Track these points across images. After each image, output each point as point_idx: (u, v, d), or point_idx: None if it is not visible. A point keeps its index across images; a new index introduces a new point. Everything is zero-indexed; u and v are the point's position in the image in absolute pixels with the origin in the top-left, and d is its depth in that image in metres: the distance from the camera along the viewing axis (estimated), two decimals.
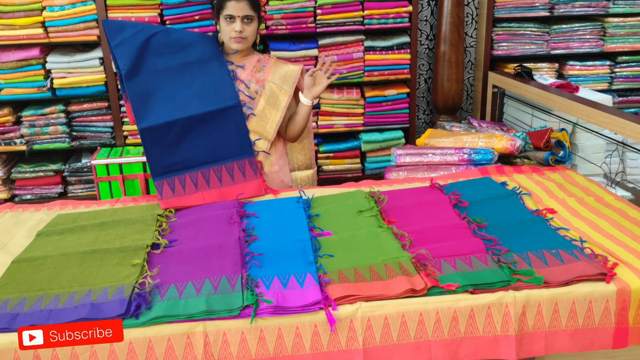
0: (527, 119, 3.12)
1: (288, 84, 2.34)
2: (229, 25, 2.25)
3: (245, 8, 2.23)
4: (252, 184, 2.19)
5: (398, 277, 1.50)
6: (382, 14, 3.30)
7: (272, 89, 2.32)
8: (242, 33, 2.25)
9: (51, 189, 3.33)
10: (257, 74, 2.33)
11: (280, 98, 2.31)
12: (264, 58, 2.40)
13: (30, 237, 1.89)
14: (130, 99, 2.16)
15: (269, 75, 2.33)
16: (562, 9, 3.52)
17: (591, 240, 1.71)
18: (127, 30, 2.23)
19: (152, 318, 1.40)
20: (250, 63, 2.36)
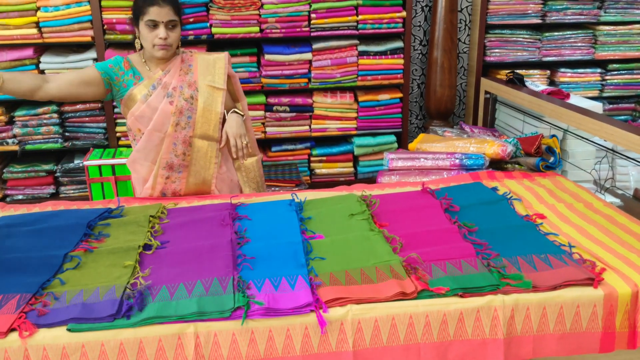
0: (518, 125, 3.15)
1: (219, 78, 2.25)
2: (152, 32, 2.12)
3: (169, 13, 2.11)
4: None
5: (389, 280, 1.51)
6: (376, 19, 3.32)
7: (206, 90, 2.24)
8: (167, 40, 2.14)
9: (43, 190, 3.32)
10: (186, 77, 2.23)
11: (215, 96, 2.24)
12: (186, 56, 2.28)
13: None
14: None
15: (198, 76, 2.24)
16: (554, 16, 3.56)
17: (580, 245, 1.73)
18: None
19: (143, 319, 1.40)
20: (175, 66, 2.24)
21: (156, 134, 2.22)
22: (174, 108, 2.20)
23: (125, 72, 2.23)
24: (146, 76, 2.23)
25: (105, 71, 2.22)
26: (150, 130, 2.21)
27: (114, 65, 2.23)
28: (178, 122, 2.21)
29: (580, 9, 3.57)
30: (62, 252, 1.71)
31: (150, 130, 2.21)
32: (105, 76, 2.21)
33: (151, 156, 2.26)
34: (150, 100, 2.20)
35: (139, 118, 2.22)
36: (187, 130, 2.23)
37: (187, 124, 2.23)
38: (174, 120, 2.20)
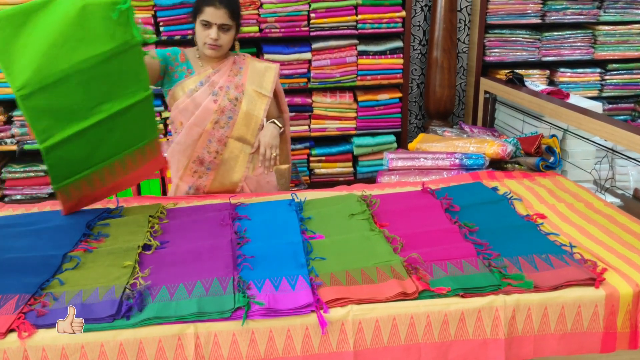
0: (518, 124, 3.15)
1: (266, 86, 2.29)
2: (205, 31, 2.16)
3: (224, 16, 2.14)
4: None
5: (389, 281, 1.51)
6: (375, 19, 3.32)
7: (251, 94, 2.27)
8: (218, 41, 2.17)
9: (41, 189, 3.31)
10: (234, 78, 2.26)
11: (259, 103, 2.27)
12: (239, 59, 2.32)
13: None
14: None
15: (246, 80, 2.28)
16: (553, 16, 3.56)
17: (581, 245, 1.72)
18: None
19: (143, 319, 1.39)
20: (226, 67, 2.27)
21: (195, 129, 2.24)
22: (217, 106, 2.22)
23: (180, 64, 2.27)
24: (197, 72, 2.26)
25: (163, 58, 2.26)
26: (190, 124, 2.23)
27: (171, 54, 2.27)
28: (218, 121, 2.23)
29: (579, 9, 3.57)
30: (61, 252, 1.71)
31: (190, 124, 2.23)
32: (163, 63, 2.25)
33: (188, 151, 2.28)
34: (196, 95, 2.22)
35: (182, 111, 2.24)
36: (225, 130, 2.25)
37: (226, 123, 2.25)
38: (214, 118, 2.23)
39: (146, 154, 2.02)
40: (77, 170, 1.88)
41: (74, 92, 1.74)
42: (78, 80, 1.72)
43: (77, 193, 1.91)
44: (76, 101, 1.75)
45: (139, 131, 1.98)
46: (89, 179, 1.92)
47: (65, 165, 1.84)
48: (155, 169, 2.17)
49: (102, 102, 1.82)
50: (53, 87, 1.68)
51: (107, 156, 1.92)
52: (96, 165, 1.90)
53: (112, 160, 1.93)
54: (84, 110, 1.79)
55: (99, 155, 1.89)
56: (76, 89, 1.73)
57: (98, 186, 1.95)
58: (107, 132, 1.86)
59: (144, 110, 1.94)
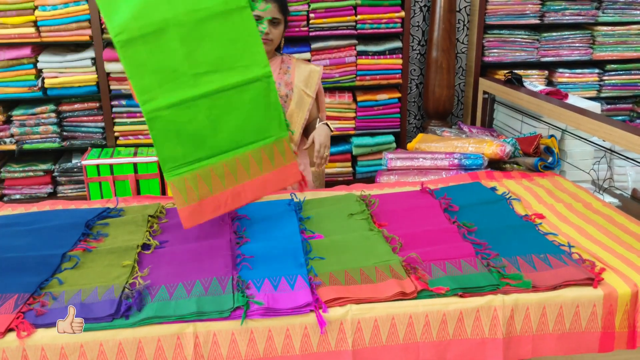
0: (516, 125, 3.15)
1: (311, 87, 2.34)
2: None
3: (274, 10, 2.22)
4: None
5: (388, 280, 1.51)
6: (374, 19, 3.32)
7: (300, 93, 2.33)
8: (269, 35, 2.22)
9: (41, 189, 3.31)
10: (284, 77, 2.33)
11: (305, 102, 2.33)
12: (286, 58, 2.40)
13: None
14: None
15: (294, 78, 2.34)
16: (552, 16, 3.56)
17: (579, 245, 1.73)
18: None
19: (142, 319, 1.39)
20: (275, 64, 2.35)
21: None
22: None
23: None
24: None
25: None
26: None
27: None
28: None
29: (578, 10, 3.57)
30: (60, 251, 1.71)
31: None
32: None
33: None
34: None
35: None
36: None
37: None
38: None
39: (274, 157, 1.75)
40: (190, 155, 1.66)
41: (175, 49, 1.61)
42: (179, 35, 1.60)
43: (193, 193, 1.67)
44: (179, 60, 1.62)
45: (261, 121, 1.72)
46: (206, 173, 1.68)
47: (174, 142, 1.64)
48: (288, 182, 1.80)
49: (209, 70, 1.66)
50: (153, 38, 1.58)
51: (224, 146, 1.69)
52: (212, 156, 1.68)
53: (230, 154, 1.69)
54: (189, 75, 1.64)
55: (213, 140, 1.68)
56: (178, 45, 1.61)
57: (218, 188, 1.70)
58: (220, 110, 1.67)
59: (262, 92, 1.71)
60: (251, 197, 1.75)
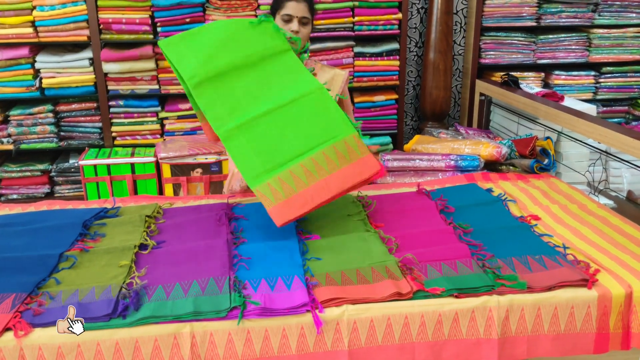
0: (513, 126, 3.16)
1: (334, 90, 2.32)
2: (286, 25, 2.23)
3: (304, 9, 2.23)
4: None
5: (384, 281, 1.52)
6: (372, 21, 3.33)
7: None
8: (299, 34, 2.23)
9: (38, 189, 3.31)
10: None
11: None
12: (310, 62, 2.38)
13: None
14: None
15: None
16: (548, 19, 3.58)
17: (574, 247, 1.74)
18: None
19: (139, 318, 1.40)
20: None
21: None
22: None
23: None
24: None
25: None
26: None
27: None
28: None
29: (574, 12, 3.59)
30: (57, 251, 1.71)
31: None
32: None
33: None
34: None
35: None
36: None
37: None
38: None
39: (347, 152, 1.89)
40: (267, 163, 1.83)
41: (236, 85, 1.94)
42: (238, 74, 1.96)
43: (278, 194, 1.78)
44: (240, 93, 1.94)
45: (325, 124, 1.93)
46: (286, 175, 1.81)
47: (250, 157, 1.84)
48: (368, 173, 1.88)
49: (267, 97, 1.95)
50: (217, 79, 1.93)
51: (296, 150, 1.86)
52: (288, 160, 1.84)
53: (305, 156, 1.85)
54: (250, 103, 1.93)
55: (285, 147, 1.87)
56: (238, 82, 1.95)
57: (301, 186, 1.80)
58: (284, 121, 1.91)
59: (318, 101, 1.97)
60: (335, 190, 1.83)
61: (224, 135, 1.86)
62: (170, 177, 3.04)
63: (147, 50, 3.15)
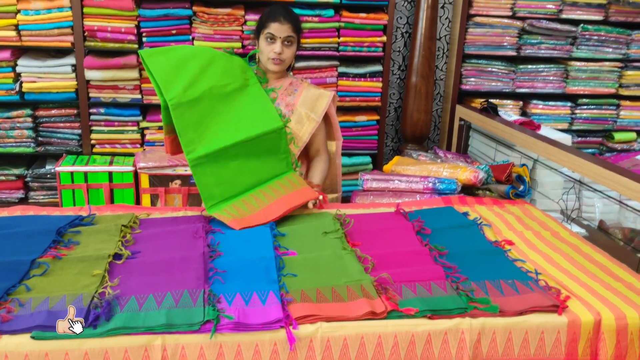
0: (490, 152, 3.22)
1: (317, 112, 2.34)
2: (269, 46, 2.26)
3: (288, 29, 2.26)
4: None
5: (359, 300, 1.53)
6: (357, 42, 3.38)
7: (300, 115, 2.33)
8: (282, 55, 2.26)
9: (12, 194, 3.26)
10: (287, 98, 2.34)
11: (306, 126, 2.33)
12: (296, 82, 2.40)
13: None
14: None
15: (298, 100, 2.34)
16: (528, 50, 3.67)
17: (546, 272, 1.77)
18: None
19: (110, 329, 1.38)
20: (283, 85, 2.37)
21: None
22: None
23: None
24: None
25: None
26: None
27: None
28: None
29: (553, 44, 3.69)
30: (29, 257, 1.68)
31: None
32: None
33: None
34: None
35: None
36: None
37: None
38: None
39: (290, 185, 2.20)
40: (225, 193, 2.09)
41: (209, 112, 2.14)
42: (211, 103, 2.15)
43: (234, 214, 2.03)
44: (212, 121, 2.14)
45: (275, 163, 2.23)
46: (239, 204, 2.08)
47: (211, 187, 2.08)
48: (308, 197, 2.16)
49: (235, 127, 2.16)
50: (194, 103, 2.10)
51: (250, 184, 2.15)
52: (242, 192, 2.13)
53: (255, 189, 2.15)
54: (220, 131, 2.13)
55: (242, 181, 2.14)
56: (210, 110, 2.14)
57: (252, 210, 2.07)
58: (244, 156, 2.15)
59: (276, 141, 2.23)
60: (283, 209, 2.08)
61: (193, 162, 2.06)
62: (148, 187, 3.02)
63: (131, 59, 3.15)
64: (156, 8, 3.13)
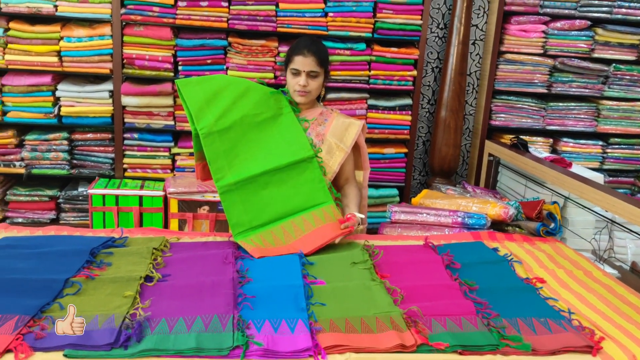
0: (520, 189, 3.19)
1: (346, 142, 2.35)
2: (294, 79, 2.31)
3: (312, 64, 2.29)
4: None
5: (388, 331, 1.51)
6: (387, 76, 3.42)
7: (330, 145, 2.34)
8: (306, 87, 2.30)
9: (44, 214, 3.32)
10: (317, 128, 2.36)
11: (336, 155, 2.33)
12: (326, 112, 2.42)
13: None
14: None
15: (328, 130, 2.35)
16: (559, 87, 3.67)
17: (579, 312, 1.73)
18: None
19: (140, 350, 1.39)
20: (312, 115, 2.40)
21: None
22: None
23: None
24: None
25: None
26: None
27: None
28: None
29: (585, 83, 3.68)
30: (63, 277, 1.72)
31: None
32: None
33: None
34: None
35: None
36: None
37: None
38: None
39: (324, 218, 2.17)
40: (254, 221, 2.11)
41: (239, 141, 2.20)
42: (242, 131, 2.21)
43: (259, 245, 2.05)
44: (242, 149, 2.19)
45: (308, 192, 2.21)
46: (267, 234, 2.10)
47: (240, 214, 2.11)
48: (336, 234, 2.11)
49: (266, 155, 2.21)
50: (225, 132, 2.18)
51: (281, 213, 2.15)
52: (272, 221, 2.13)
53: (286, 219, 2.14)
54: (250, 160, 2.18)
55: (271, 210, 2.14)
56: (241, 138, 2.20)
57: (278, 243, 2.08)
58: (274, 185, 2.18)
59: (307, 170, 2.24)
60: (309, 248, 2.05)
61: (222, 189, 2.13)
62: (177, 212, 3.06)
63: (167, 87, 3.23)
64: (193, 38, 3.22)
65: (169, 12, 3.17)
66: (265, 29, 3.27)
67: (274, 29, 3.27)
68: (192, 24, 3.20)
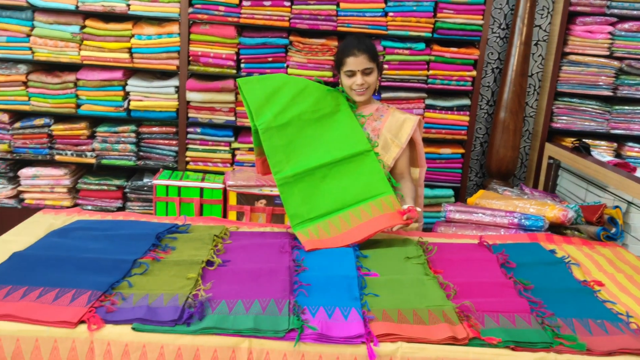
0: (581, 193, 3.12)
1: (402, 137, 2.36)
2: (350, 80, 2.33)
3: (364, 61, 2.30)
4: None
5: (440, 324, 1.53)
6: (446, 76, 3.41)
7: (386, 140, 2.37)
8: (364, 85, 2.33)
9: (111, 203, 3.50)
10: (373, 123, 2.39)
11: (391, 150, 2.36)
12: (382, 107, 2.45)
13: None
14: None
15: (384, 126, 2.38)
16: (625, 90, 3.55)
17: (638, 316, 1.69)
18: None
19: (202, 328, 1.47)
20: (368, 111, 2.43)
21: None
22: None
23: None
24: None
25: None
26: None
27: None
28: None
29: None
30: (131, 257, 1.83)
31: None
32: None
33: None
34: None
35: None
36: None
37: None
38: None
39: (382, 208, 2.19)
40: (312, 212, 2.16)
41: (298, 135, 2.27)
42: (301, 127, 2.29)
43: (314, 236, 2.10)
44: (300, 143, 2.27)
45: (367, 183, 2.25)
46: (325, 225, 2.14)
47: (298, 205, 2.17)
48: (396, 222, 2.16)
49: (323, 149, 2.27)
50: (283, 127, 2.26)
51: (339, 204, 2.19)
52: (330, 212, 2.17)
53: (344, 210, 2.18)
54: (308, 153, 2.25)
55: (329, 201, 2.19)
56: (299, 133, 2.28)
57: (334, 232, 2.13)
58: (332, 176, 2.24)
59: (366, 162, 2.29)
60: (363, 235, 2.11)
61: (280, 182, 2.19)
62: (235, 204, 3.16)
63: (229, 83, 3.34)
64: (256, 36, 3.32)
65: (233, 12, 3.28)
66: (325, 28, 3.33)
67: (335, 28, 3.33)
68: (255, 22, 3.30)
